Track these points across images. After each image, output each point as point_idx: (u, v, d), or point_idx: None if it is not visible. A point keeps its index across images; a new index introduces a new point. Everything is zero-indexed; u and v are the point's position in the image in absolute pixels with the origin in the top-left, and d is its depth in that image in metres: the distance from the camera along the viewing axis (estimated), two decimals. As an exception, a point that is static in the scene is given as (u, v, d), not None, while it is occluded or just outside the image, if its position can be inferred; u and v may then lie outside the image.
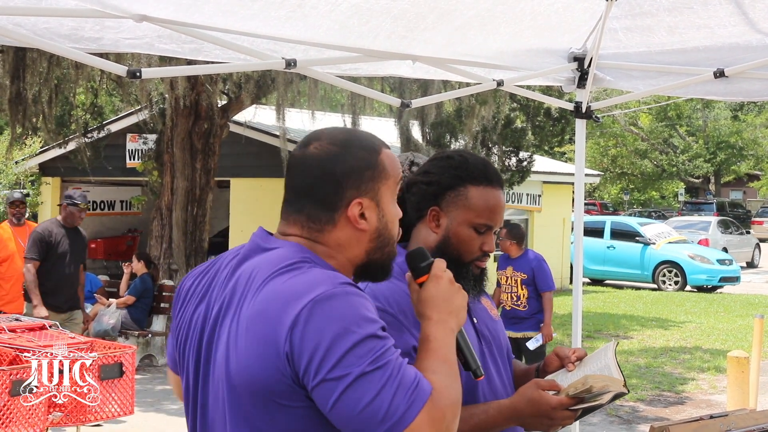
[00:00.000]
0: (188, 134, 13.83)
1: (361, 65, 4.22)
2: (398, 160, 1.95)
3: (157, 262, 13.57)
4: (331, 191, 1.84)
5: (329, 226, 1.85)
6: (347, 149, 1.86)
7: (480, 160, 2.37)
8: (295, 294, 1.69)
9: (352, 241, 1.85)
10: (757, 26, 3.83)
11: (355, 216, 1.84)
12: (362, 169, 1.85)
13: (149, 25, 3.35)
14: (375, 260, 1.88)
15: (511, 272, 8.32)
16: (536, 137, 17.10)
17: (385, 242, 1.88)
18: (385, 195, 1.87)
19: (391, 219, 1.89)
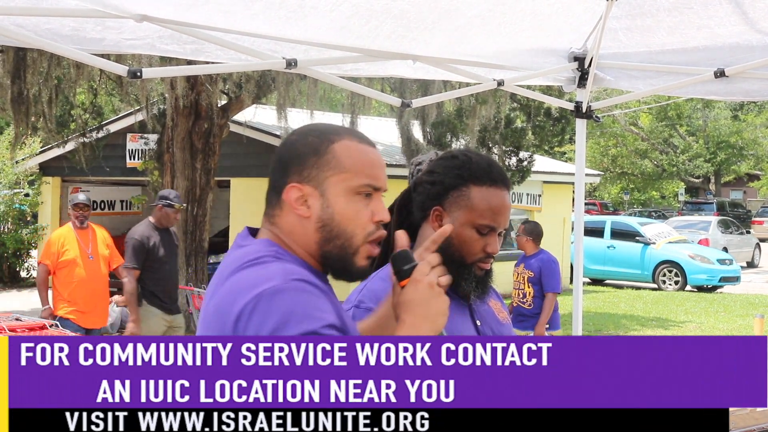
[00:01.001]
0: (188, 134, 13.84)
1: (362, 65, 4.22)
2: (368, 156, 1.88)
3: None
4: (278, 176, 1.87)
5: (278, 209, 1.87)
6: (302, 137, 1.88)
7: (485, 159, 2.33)
8: (246, 287, 1.71)
9: (299, 228, 1.84)
10: (756, 26, 3.83)
11: (291, 200, 1.83)
12: (307, 155, 1.84)
13: (150, 25, 3.35)
14: (328, 253, 1.84)
15: (521, 269, 8.36)
16: (536, 137, 17.10)
17: (334, 235, 1.83)
18: (334, 186, 1.83)
19: (340, 212, 1.83)
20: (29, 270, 20.91)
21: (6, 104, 13.03)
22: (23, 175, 20.35)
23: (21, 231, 20.13)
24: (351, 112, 15.08)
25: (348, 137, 1.88)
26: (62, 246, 8.13)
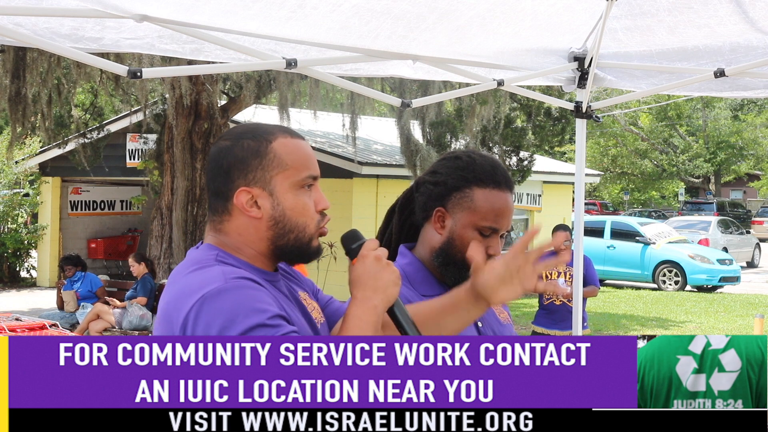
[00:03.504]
0: (188, 134, 13.84)
1: (362, 65, 4.22)
2: (302, 150, 1.92)
3: (157, 261, 13.58)
4: (222, 183, 1.90)
5: (226, 215, 1.90)
6: (237, 141, 1.91)
7: (489, 161, 2.32)
8: (188, 292, 1.76)
9: (250, 229, 1.89)
10: (757, 25, 3.83)
11: (242, 204, 1.88)
12: (248, 158, 1.88)
13: (150, 25, 3.35)
14: (283, 246, 1.90)
15: (564, 268, 8.36)
16: (536, 137, 17.10)
17: (288, 229, 1.89)
18: (281, 183, 1.89)
19: (290, 207, 1.89)
20: (29, 270, 20.92)
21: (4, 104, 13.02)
22: (23, 174, 20.35)
23: (21, 231, 20.13)
24: (351, 112, 15.08)
25: (282, 135, 1.93)
26: None
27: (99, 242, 20.82)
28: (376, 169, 17.18)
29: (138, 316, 11.32)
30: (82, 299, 12.14)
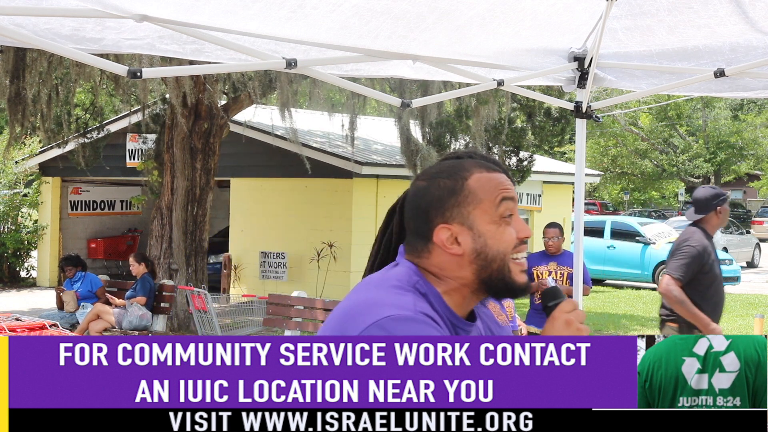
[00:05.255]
0: (188, 134, 13.84)
1: (362, 66, 4.22)
2: (497, 181, 1.96)
3: (157, 261, 13.58)
4: (421, 223, 1.95)
5: (426, 253, 1.94)
6: (433, 182, 1.97)
7: (490, 159, 2.34)
8: (380, 305, 1.78)
9: (453, 265, 1.92)
10: (757, 25, 3.83)
11: (443, 241, 1.92)
12: (445, 197, 1.94)
13: (150, 25, 3.35)
14: (487, 278, 1.93)
15: (555, 267, 8.44)
16: (536, 137, 17.10)
17: (490, 259, 1.92)
18: (480, 217, 1.92)
19: (491, 237, 1.91)
20: (29, 270, 20.92)
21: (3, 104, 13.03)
22: (23, 174, 20.35)
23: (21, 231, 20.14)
24: (351, 112, 15.08)
25: (477, 170, 1.98)
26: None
27: (99, 242, 20.83)
28: (376, 169, 17.19)
29: (138, 316, 11.32)
30: (82, 299, 12.13)
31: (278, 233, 17.82)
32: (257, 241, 17.93)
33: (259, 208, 18.27)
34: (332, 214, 17.11)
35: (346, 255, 16.68)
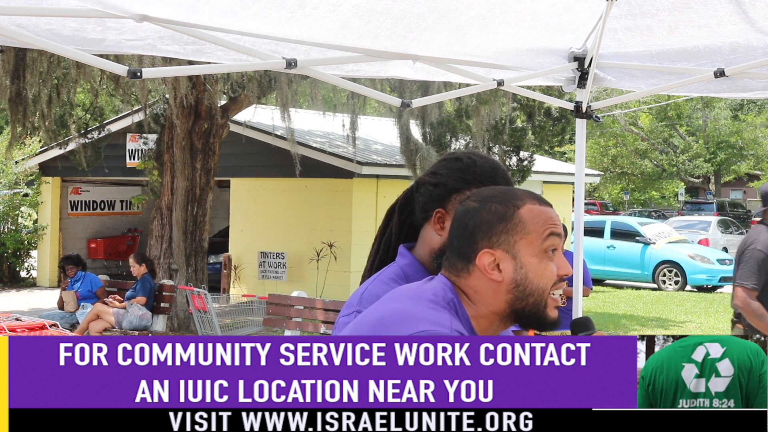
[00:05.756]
0: (188, 134, 13.84)
1: (363, 66, 4.22)
2: (547, 216, 1.95)
3: (157, 261, 13.58)
4: (465, 243, 1.94)
5: (464, 273, 1.94)
6: (485, 204, 1.96)
7: (489, 163, 2.31)
8: (415, 318, 1.79)
9: (489, 291, 1.92)
10: (757, 25, 3.83)
11: (485, 266, 1.91)
12: (494, 222, 1.92)
13: (151, 26, 3.35)
14: (520, 310, 1.92)
15: None
16: (536, 137, 17.10)
17: (528, 293, 1.91)
18: (525, 248, 1.91)
19: (533, 270, 1.91)
20: (29, 270, 20.92)
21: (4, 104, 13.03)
22: (23, 174, 20.35)
23: (21, 231, 20.14)
24: (351, 112, 15.08)
25: (530, 201, 1.97)
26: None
27: (99, 242, 20.83)
28: (376, 169, 17.19)
29: (138, 316, 11.33)
30: (82, 299, 12.14)
31: (278, 233, 17.82)
32: (257, 241, 17.93)
33: (259, 208, 18.27)
34: (332, 214, 17.11)
35: (346, 255, 16.68)
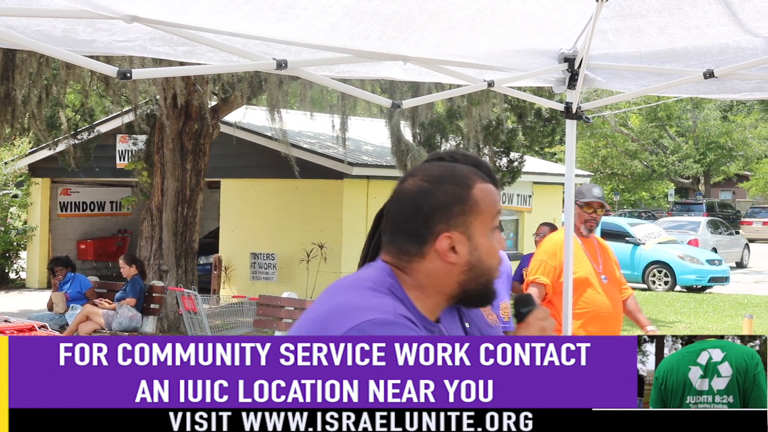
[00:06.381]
0: (178, 135, 13.82)
1: (353, 67, 4.22)
2: (495, 194, 1.95)
3: (147, 263, 13.55)
4: (420, 226, 1.89)
5: (418, 257, 1.89)
6: (438, 185, 1.91)
7: (471, 160, 2.28)
8: (358, 308, 1.75)
9: (442, 273, 1.89)
10: (746, 26, 3.84)
11: (444, 249, 1.87)
12: (451, 204, 1.89)
13: (142, 27, 3.35)
14: (470, 290, 1.91)
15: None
16: (527, 138, 17.13)
17: (480, 274, 1.90)
18: (478, 229, 1.90)
19: (485, 251, 1.90)
20: (18, 271, 20.85)
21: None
22: (12, 175, 20.29)
23: (10, 232, 20.06)
24: (342, 113, 15.07)
25: (479, 180, 1.95)
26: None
27: (89, 243, 20.77)
28: (366, 170, 17.18)
29: (127, 318, 11.30)
30: (72, 300, 12.10)
31: (268, 234, 17.80)
32: (247, 242, 17.91)
33: (249, 209, 18.24)
34: (322, 215, 17.10)
35: (337, 256, 16.67)
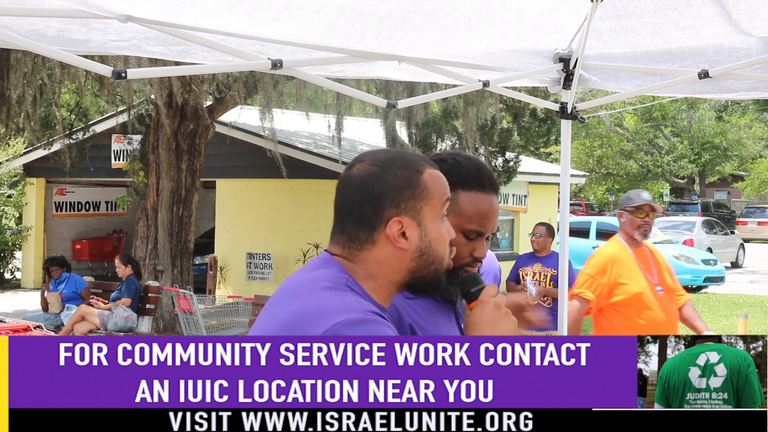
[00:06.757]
0: (174, 135, 13.80)
1: (348, 67, 4.22)
2: (445, 181, 1.93)
3: (142, 263, 13.53)
4: (370, 210, 1.85)
5: (368, 245, 1.86)
6: (387, 169, 1.87)
7: (474, 164, 2.29)
8: (325, 311, 1.72)
9: (393, 260, 1.85)
10: (740, 26, 3.85)
11: (395, 234, 1.84)
12: (401, 188, 1.85)
13: (136, 26, 3.34)
14: (421, 278, 1.88)
15: (541, 268, 8.43)
16: (522, 138, 17.14)
17: (430, 261, 1.87)
18: (428, 214, 1.87)
19: (435, 238, 1.87)
20: (13, 271, 20.82)
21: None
22: (7, 176, 20.25)
23: (5, 232, 20.03)
24: (337, 113, 15.07)
25: (428, 165, 1.92)
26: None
27: (84, 243, 20.75)
28: (362, 170, 17.14)
29: (123, 318, 11.29)
30: (67, 300, 12.09)
31: (264, 234, 17.80)
32: (243, 242, 17.90)
33: (244, 209, 18.23)
34: (318, 214, 17.09)
35: (333, 256, 16.63)
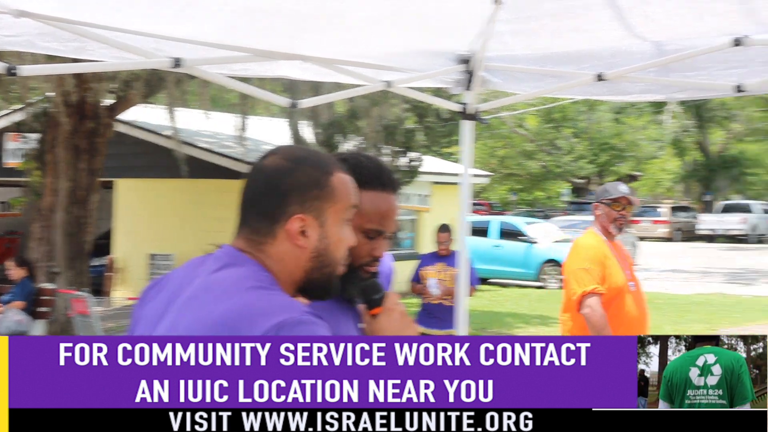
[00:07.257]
0: (72, 133, 13.47)
1: (251, 65, 4.18)
2: (353, 187, 1.94)
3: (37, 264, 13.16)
4: (274, 204, 1.85)
5: (269, 238, 1.85)
6: (298, 165, 1.87)
7: (374, 163, 2.30)
8: (262, 312, 1.70)
9: (290, 258, 1.85)
10: (635, 31, 3.95)
11: (294, 231, 1.84)
12: (309, 186, 1.85)
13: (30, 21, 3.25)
14: (313, 280, 1.87)
15: (444, 267, 8.54)
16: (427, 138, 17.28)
17: (325, 263, 1.87)
18: (331, 217, 1.87)
19: (334, 241, 1.88)
20: None
21: None
22: None
23: None
24: (241, 113, 14.94)
25: (338, 169, 1.92)
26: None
27: (-24, 245, 20.08)
28: (265, 170, 17.04)
29: (15, 321, 10.94)
30: (-43, 304, 11.68)
31: (166, 235, 17.52)
32: (144, 242, 17.58)
33: (145, 210, 17.91)
34: (221, 215, 16.88)
35: (236, 256, 16.48)
